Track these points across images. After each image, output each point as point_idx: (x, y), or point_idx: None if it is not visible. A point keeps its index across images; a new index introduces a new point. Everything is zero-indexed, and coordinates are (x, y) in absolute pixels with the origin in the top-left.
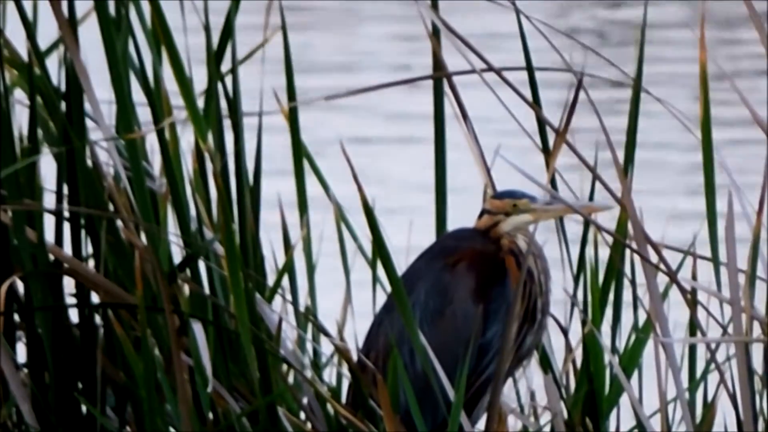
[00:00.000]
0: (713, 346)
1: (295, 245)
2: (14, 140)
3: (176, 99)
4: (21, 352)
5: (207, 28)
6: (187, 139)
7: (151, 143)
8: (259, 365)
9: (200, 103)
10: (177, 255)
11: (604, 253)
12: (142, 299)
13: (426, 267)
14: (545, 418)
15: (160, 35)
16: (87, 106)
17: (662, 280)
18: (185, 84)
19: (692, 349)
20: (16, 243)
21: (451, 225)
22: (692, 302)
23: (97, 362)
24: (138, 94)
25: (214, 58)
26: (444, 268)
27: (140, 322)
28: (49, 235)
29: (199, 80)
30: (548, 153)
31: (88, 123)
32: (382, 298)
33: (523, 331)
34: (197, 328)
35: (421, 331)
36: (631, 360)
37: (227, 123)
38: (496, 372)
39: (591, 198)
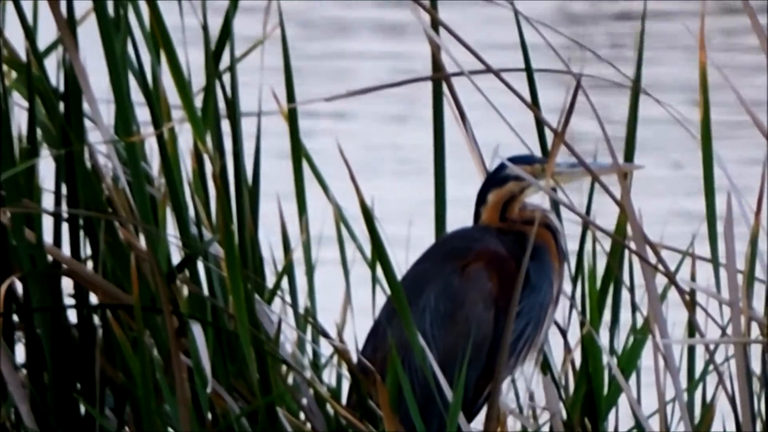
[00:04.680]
0: (712, 347)
1: (295, 249)
2: (13, 141)
3: (175, 97)
4: (20, 353)
5: (205, 28)
6: (185, 138)
7: (150, 144)
8: (259, 366)
9: (198, 101)
10: (176, 256)
11: (603, 254)
12: (137, 301)
13: (435, 269)
14: (544, 418)
15: (158, 36)
16: (86, 107)
17: (661, 281)
18: (183, 86)
19: (691, 350)
20: (14, 243)
21: (451, 225)
22: (691, 303)
23: (95, 363)
24: (137, 93)
25: (213, 58)
26: (454, 270)
27: (137, 323)
28: (48, 236)
29: (198, 73)
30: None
31: (87, 122)
32: (381, 299)
33: (549, 312)
34: (196, 328)
35: (431, 335)
36: (629, 361)
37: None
38: (497, 369)
39: (589, 202)
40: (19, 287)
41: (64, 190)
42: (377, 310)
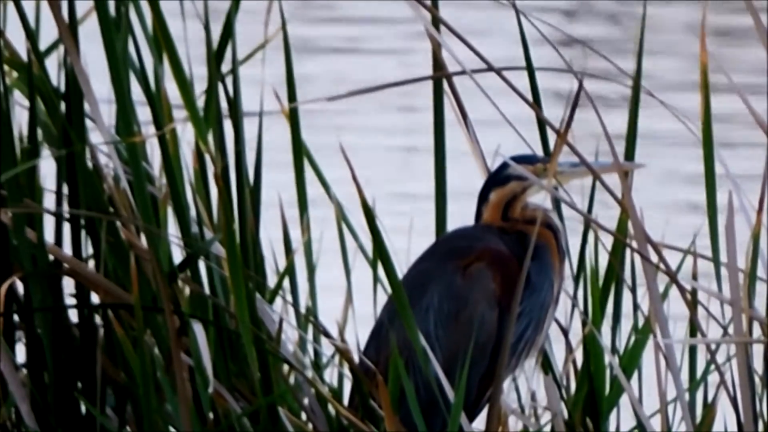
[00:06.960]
0: (713, 346)
1: (296, 250)
2: (14, 141)
3: (176, 97)
4: (20, 353)
5: (207, 28)
6: (187, 139)
7: (151, 143)
8: (260, 365)
9: (200, 102)
10: (177, 255)
11: (604, 254)
12: (137, 300)
13: (437, 269)
14: (545, 418)
15: (160, 36)
16: (87, 107)
17: (662, 280)
18: (185, 85)
19: (692, 350)
20: (16, 243)
21: (451, 224)
22: (692, 302)
23: (96, 362)
24: (138, 92)
25: (214, 58)
26: (457, 270)
27: (138, 322)
28: (49, 236)
29: (199, 77)
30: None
31: (88, 121)
32: (383, 299)
33: (550, 312)
34: (198, 328)
35: (435, 335)
36: (631, 360)
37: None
38: (498, 369)
39: (590, 201)
40: (20, 287)
41: (65, 190)
42: (379, 310)
